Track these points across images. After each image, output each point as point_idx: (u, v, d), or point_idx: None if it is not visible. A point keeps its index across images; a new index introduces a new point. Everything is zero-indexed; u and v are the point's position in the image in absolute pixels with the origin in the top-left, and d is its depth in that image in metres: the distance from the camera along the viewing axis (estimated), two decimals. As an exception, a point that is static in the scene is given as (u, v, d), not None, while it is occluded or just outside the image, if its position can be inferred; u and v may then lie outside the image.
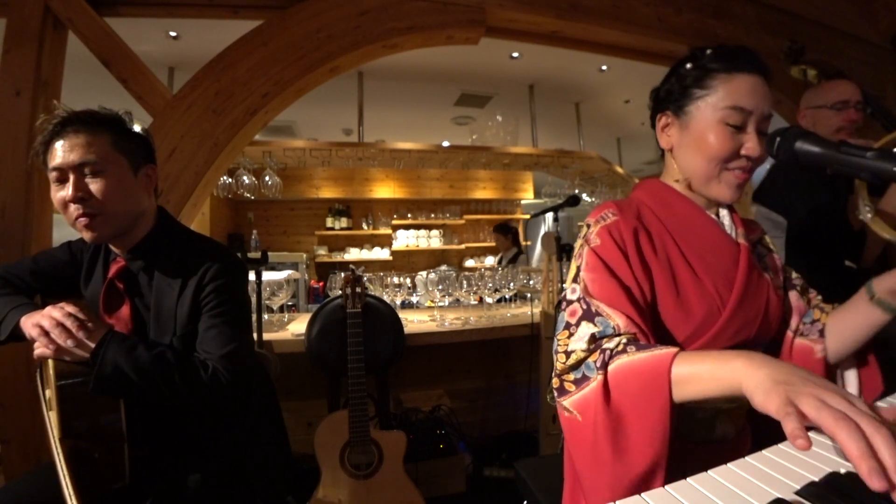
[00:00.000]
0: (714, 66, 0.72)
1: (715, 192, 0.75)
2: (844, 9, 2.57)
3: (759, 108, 0.70)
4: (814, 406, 0.42)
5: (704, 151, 0.72)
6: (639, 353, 0.59)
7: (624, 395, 0.58)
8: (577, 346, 0.65)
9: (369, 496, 1.43)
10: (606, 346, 0.62)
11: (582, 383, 0.62)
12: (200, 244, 1.02)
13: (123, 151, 0.93)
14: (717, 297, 0.70)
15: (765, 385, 0.47)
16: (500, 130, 3.78)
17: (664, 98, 0.79)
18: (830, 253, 1.31)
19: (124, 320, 0.96)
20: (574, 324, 0.67)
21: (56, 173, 0.88)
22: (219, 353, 0.91)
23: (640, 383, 0.57)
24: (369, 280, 2.12)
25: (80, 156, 0.87)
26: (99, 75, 1.69)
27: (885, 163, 0.55)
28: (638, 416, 0.57)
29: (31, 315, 0.85)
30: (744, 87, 0.70)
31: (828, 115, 1.38)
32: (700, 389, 0.53)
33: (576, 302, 0.69)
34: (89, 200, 0.88)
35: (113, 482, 0.81)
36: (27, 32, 1.54)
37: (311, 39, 1.77)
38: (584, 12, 2.05)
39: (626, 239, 0.71)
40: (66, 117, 0.89)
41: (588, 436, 0.60)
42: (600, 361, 0.61)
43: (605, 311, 0.65)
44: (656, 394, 0.55)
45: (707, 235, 0.75)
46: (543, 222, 6.51)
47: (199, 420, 0.97)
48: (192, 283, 0.94)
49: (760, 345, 0.77)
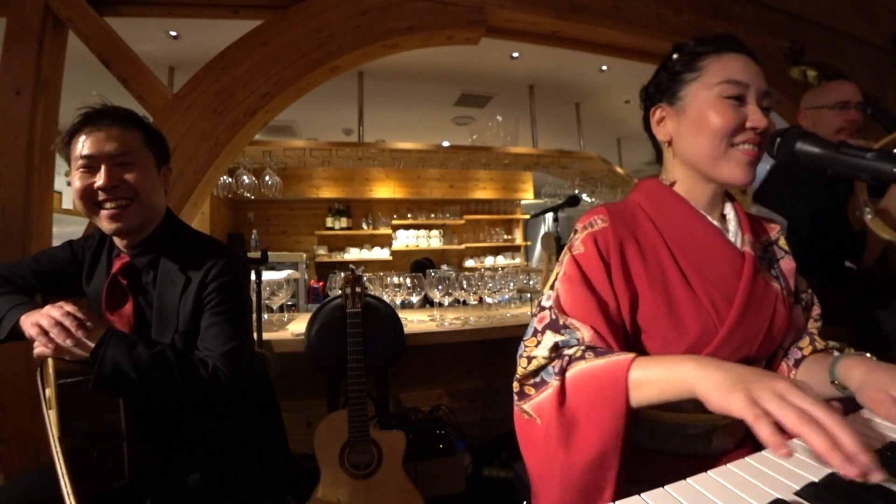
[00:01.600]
0: (701, 49, 0.72)
1: (726, 174, 0.69)
2: (844, 9, 2.57)
3: (754, 81, 0.68)
4: (776, 404, 0.44)
5: (707, 129, 0.68)
6: (597, 360, 0.59)
7: (580, 398, 0.58)
8: (539, 352, 0.64)
9: (369, 496, 1.43)
10: (566, 353, 0.62)
11: (541, 387, 0.63)
12: (205, 242, 1.04)
13: (151, 148, 0.98)
14: (713, 312, 0.66)
15: (721, 386, 0.47)
16: (500, 130, 3.78)
17: (654, 92, 0.78)
18: (830, 253, 1.31)
19: (127, 316, 0.97)
20: (540, 331, 0.67)
21: (84, 161, 0.89)
22: (220, 351, 0.92)
23: (597, 388, 0.57)
24: (369, 280, 2.12)
25: (115, 147, 0.90)
26: (99, 75, 1.69)
27: (884, 164, 0.55)
28: (591, 416, 0.57)
29: (31, 314, 0.85)
30: (735, 63, 0.69)
31: (829, 115, 1.39)
32: (655, 393, 0.54)
33: (546, 310, 0.68)
34: (121, 188, 0.90)
35: (113, 481, 0.81)
36: (27, 32, 1.54)
37: (311, 39, 1.77)
38: (584, 12, 2.05)
39: (612, 249, 0.68)
40: (102, 109, 0.92)
41: (541, 436, 0.61)
42: (558, 367, 0.61)
43: (571, 324, 0.65)
44: (612, 397, 0.55)
45: (706, 244, 0.71)
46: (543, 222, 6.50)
47: (199, 419, 0.97)
48: (196, 280, 0.95)
49: (763, 360, 0.75)
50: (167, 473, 0.93)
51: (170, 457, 0.95)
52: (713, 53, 0.70)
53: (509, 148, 3.56)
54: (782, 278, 0.77)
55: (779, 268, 0.79)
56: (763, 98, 0.69)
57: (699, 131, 0.70)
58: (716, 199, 0.75)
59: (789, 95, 2.19)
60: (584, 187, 4.20)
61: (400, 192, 5.14)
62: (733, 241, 0.73)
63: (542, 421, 0.61)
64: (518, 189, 5.56)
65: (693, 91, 0.71)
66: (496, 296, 2.35)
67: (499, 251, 5.59)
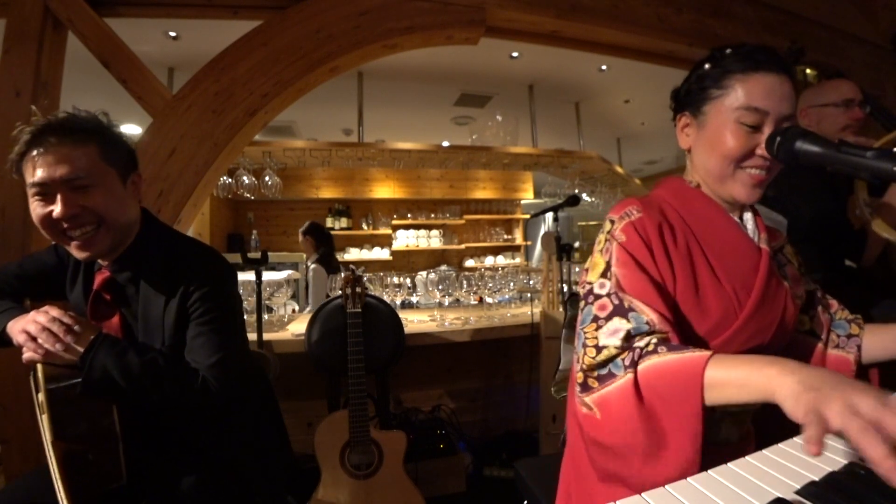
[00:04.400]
0: (732, 66, 0.72)
1: (730, 192, 0.74)
2: (845, 9, 2.57)
3: (776, 109, 0.68)
4: (839, 415, 0.42)
5: (719, 150, 0.71)
6: (671, 354, 0.58)
7: (655, 395, 0.58)
8: (610, 342, 0.64)
9: (369, 496, 1.43)
10: (637, 344, 0.62)
11: (606, 380, 0.62)
12: (186, 249, 0.98)
13: (112, 163, 0.87)
14: (734, 299, 0.69)
15: (795, 391, 0.47)
16: (500, 130, 3.77)
17: (684, 99, 0.79)
18: (831, 252, 1.31)
19: (114, 330, 0.94)
20: (604, 318, 0.66)
21: (36, 189, 0.80)
22: (207, 363, 0.89)
23: (673, 384, 0.56)
24: (369, 280, 2.12)
25: (68, 171, 0.79)
26: (98, 76, 1.69)
27: (884, 162, 0.55)
28: (671, 419, 0.56)
29: (17, 320, 0.84)
30: (760, 88, 0.69)
31: (834, 113, 1.38)
32: (731, 394, 0.53)
33: (605, 297, 0.68)
34: (82, 215, 0.82)
35: (110, 482, 0.81)
36: (27, 33, 1.54)
37: (310, 39, 1.76)
38: (583, 12, 2.05)
39: (651, 235, 0.70)
40: (45, 125, 0.81)
41: (609, 433, 0.60)
42: (629, 360, 0.61)
43: (638, 307, 0.65)
44: (689, 396, 0.55)
45: (728, 238, 0.74)
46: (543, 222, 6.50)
47: (198, 420, 0.97)
48: (179, 291, 0.90)
49: (775, 351, 0.76)
50: (165, 475, 0.93)
51: (167, 458, 0.95)
52: (741, 73, 0.70)
53: (509, 148, 3.55)
54: (790, 280, 0.81)
55: (785, 271, 0.82)
56: (781, 123, 0.69)
57: (712, 150, 0.73)
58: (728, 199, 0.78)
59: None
60: (583, 187, 4.20)
61: (400, 192, 5.14)
62: (752, 238, 0.76)
63: (604, 415, 0.61)
64: (518, 189, 5.56)
65: (715, 109, 0.73)
66: (496, 296, 2.35)
67: (499, 251, 5.59)
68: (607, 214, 0.76)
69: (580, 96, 4.06)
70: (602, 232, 0.75)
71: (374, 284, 2.14)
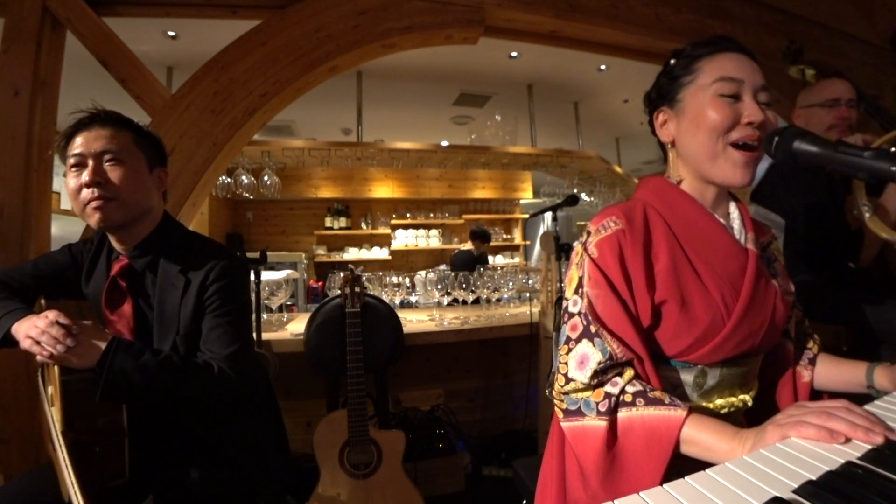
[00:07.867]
0: (697, 52, 0.74)
1: (723, 174, 0.71)
2: (844, 9, 2.57)
3: (750, 77, 0.69)
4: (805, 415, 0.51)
5: (704, 126, 0.70)
6: (648, 409, 0.61)
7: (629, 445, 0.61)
8: (577, 376, 0.66)
9: (368, 495, 1.43)
10: (610, 390, 0.64)
11: (575, 416, 0.65)
12: (203, 244, 1.04)
13: (142, 148, 0.99)
14: (722, 305, 0.68)
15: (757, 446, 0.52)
16: (499, 130, 3.78)
17: (656, 98, 0.80)
18: (828, 252, 1.31)
19: (126, 318, 0.97)
20: (574, 339, 0.68)
21: (75, 159, 0.91)
22: (224, 353, 0.92)
23: (649, 440, 0.60)
24: (368, 280, 2.12)
25: (103, 145, 0.92)
26: (97, 75, 1.68)
27: (882, 162, 0.55)
28: (638, 466, 0.60)
29: (22, 322, 0.85)
30: (729, 62, 0.70)
31: (819, 112, 1.39)
32: (698, 453, 0.59)
33: (577, 316, 0.68)
34: (105, 185, 0.92)
35: (113, 479, 0.82)
36: (25, 32, 1.54)
37: (309, 39, 1.76)
38: (582, 12, 2.05)
39: (628, 250, 0.69)
40: (95, 113, 0.95)
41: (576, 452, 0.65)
42: (605, 407, 0.63)
43: (604, 335, 0.65)
44: (661, 453, 0.59)
45: (714, 240, 0.72)
46: (542, 222, 6.51)
47: (199, 418, 0.98)
48: (196, 282, 0.95)
49: (764, 352, 0.76)
50: (167, 471, 0.94)
51: (170, 455, 0.96)
52: (707, 55, 0.72)
53: (508, 147, 3.56)
54: (779, 277, 0.79)
55: (775, 268, 0.81)
56: (759, 92, 0.70)
57: (697, 129, 0.71)
58: (720, 197, 0.77)
59: (788, 94, 2.18)
60: (582, 186, 4.20)
61: (399, 192, 5.15)
62: (738, 239, 0.75)
63: (570, 438, 0.65)
64: (517, 188, 5.57)
65: (691, 93, 0.73)
66: (495, 295, 2.35)
67: (498, 250, 5.59)
68: (590, 220, 0.75)
69: (579, 96, 4.07)
70: (578, 241, 0.74)
71: (373, 284, 2.14)
